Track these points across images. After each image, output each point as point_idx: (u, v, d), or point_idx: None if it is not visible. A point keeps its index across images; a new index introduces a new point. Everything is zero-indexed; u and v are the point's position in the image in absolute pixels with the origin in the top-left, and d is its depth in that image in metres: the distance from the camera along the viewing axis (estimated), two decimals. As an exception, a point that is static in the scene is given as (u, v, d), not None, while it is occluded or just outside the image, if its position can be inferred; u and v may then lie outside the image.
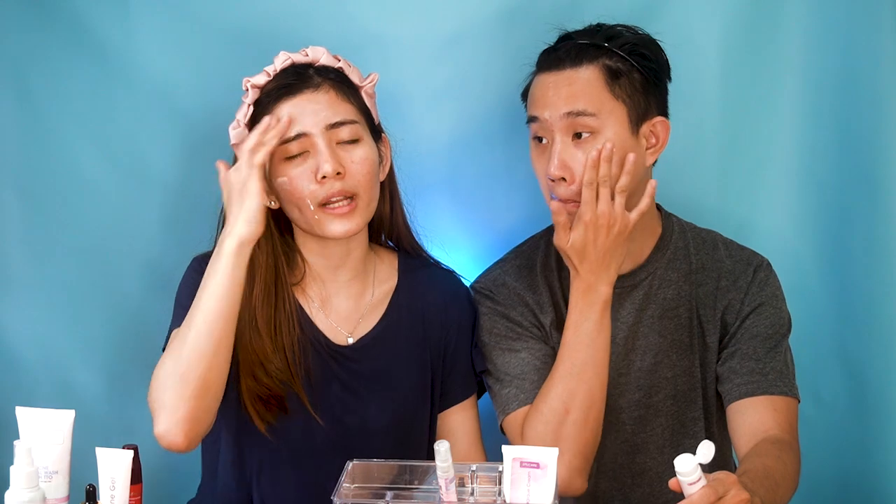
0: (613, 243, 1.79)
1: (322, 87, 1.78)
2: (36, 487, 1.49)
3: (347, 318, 1.87)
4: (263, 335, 1.78)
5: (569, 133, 1.81)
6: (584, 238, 1.79)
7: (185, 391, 1.65)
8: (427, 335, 1.89)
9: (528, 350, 1.89)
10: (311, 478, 1.82)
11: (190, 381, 1.65)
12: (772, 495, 1.62)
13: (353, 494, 1.53)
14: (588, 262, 1.80)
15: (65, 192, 2.09)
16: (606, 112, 1.80)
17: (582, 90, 1.80)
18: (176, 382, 1.65)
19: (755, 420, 1.81)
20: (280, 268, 1.82)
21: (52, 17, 2.05)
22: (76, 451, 1.59)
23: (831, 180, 2.14)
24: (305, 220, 1.79)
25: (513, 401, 1.87)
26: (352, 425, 1.83)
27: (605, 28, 1.86)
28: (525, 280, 1.95)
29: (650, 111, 1.84)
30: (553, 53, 1.85)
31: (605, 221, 1.78)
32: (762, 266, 1.93)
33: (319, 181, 1.75)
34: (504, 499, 1.49)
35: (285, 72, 1.80)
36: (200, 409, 1.66)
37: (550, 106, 1.82)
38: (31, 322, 2.10)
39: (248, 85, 1.80)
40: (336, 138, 1.77)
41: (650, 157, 1.85)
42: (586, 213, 1.78)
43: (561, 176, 1.81)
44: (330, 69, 1.81)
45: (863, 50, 2.07)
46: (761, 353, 1.87)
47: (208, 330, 1.66)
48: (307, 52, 1.82)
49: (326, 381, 1.83)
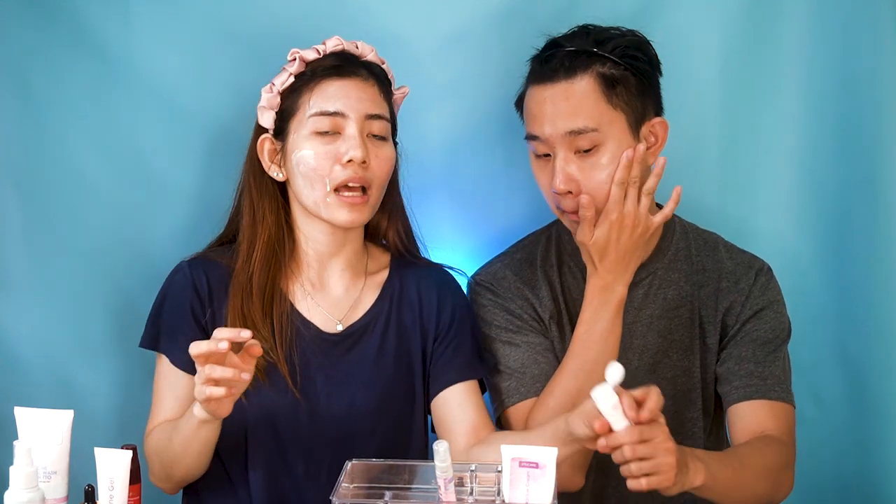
0: (635, 244, 1.81)
1: (370, 80, 1.84)
2: (35, 488, 1.49)
3: (338, 305, 1.89)
4: (255, 300, 1.81)
5: (571, 148, 1.81)
6: (607, 236, 1.80)
7: (172, 477, 1.80)
8: (417, 325, 1.90)
9: (528, 344, 1.90)
10: (300, 465, 1.83)
11: (175, 473, 1.79)
12: (728, 472, 1.64)
13: (353, 494, 1.53)
14: (608, 260, 1.81)
15: (65, 192, 2.09)
16: (607, 124, 1.80)
17: (580, 105, 1.80)
18: (164, 465, 1.79)
19: (754, 423, 1.82)
20: (282, 239, 1.85)
21: (52, 16, 2.05)
22: (75, 451, 1.59)
23: (831, 181, 2.14)
24: (314, 199, 1.81)
25: (513, 394, 1.87)
26: (338, 411, 1.83)
27: (593, 31, 1.85)
28: (525, 274, 1.95)
29: (648, 113, 1.84)
30: (545, 64, 1.84)
31: (631, 221, 1.79)
32: (763, 270, 1.93)
33: (345, 164, 1.78)
34: (503, 499, 1.49)
35: (338, 55, 1.84)
36: (186, 480, 1.83)
37: (549, 123, 1.81)
38: (31, 322, 2.10)
39: (297, 55, 1.84)
40: (369, 129, 1.81)
41: (650, 156, 1.85)
42: (613, 212, 1.79)
43: (567, 190, 1.81)
44: (377, 66, 1.87)
45: (863, 50, 2.07)
46: (761, 356, 1.87)
47: (188, 457, 1.76)
48: (357, 44, 1.87)
49: (315, 366, 1.84)
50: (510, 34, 2.07)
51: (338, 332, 1.87)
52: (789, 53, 2.12)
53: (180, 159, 2.10)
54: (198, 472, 1.80)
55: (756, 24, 2.12)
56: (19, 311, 2.10)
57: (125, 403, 2.10)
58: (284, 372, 1.81)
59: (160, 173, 2.10)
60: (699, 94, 2.11)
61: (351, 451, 1.73)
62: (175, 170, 2.10)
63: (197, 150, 2.07)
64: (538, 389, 1.86)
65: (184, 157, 2.10)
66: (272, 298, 1.83)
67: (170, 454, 1.76)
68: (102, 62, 2.07)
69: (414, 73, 2.09)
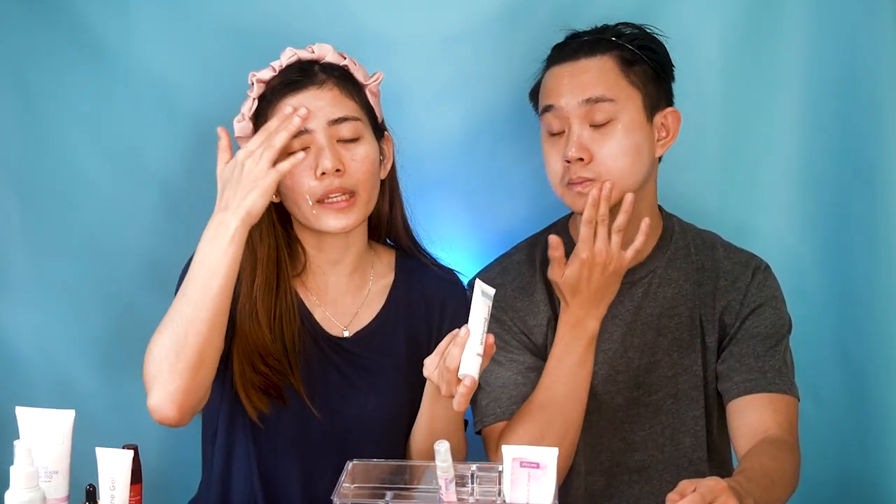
0: (607, 281, 1.80)
1: (326, 84, 1.79)
2: (36, 487, 1.49)
3: (345, 311, 1.88)
4: (263, 326, 1.79)
5: (586, 120, 1.82)
6: (578, 275, 1.79)
7: (179, 364, 1.66)
8: (424, 330, 1.89)
9: (512, 362, 1.90)
10: (308, 468, 1.83)
11: (185, 355, 1.66)
12: (768, 494, 1.63)
13: (353, 494, 1.53)
14: (580, 297, 1.81)
15: (65, 192, 2.09)
16: (624, 97, 1.82)
17: (598, 77, 1.82)
18: (171, 355, 1.66)
19: (755, 419, 1.81)
20: (282, 260, 1.84)
21: (52, 16, 2.05)
22: (76, 451, 1.59)
23: (831, 180, 2.14)
24: (304, 215, 1.80)
25: (489, 414, 1.89)
26: (349, 416, 1.84)
27: (612, 27, 1.88)
28: (523, 279, 1.95)
29: (662, 102, 1.86)
30: (566, 48, 1.87)
31: (602, 260, 1.78)
32: (761, 268, 1.93)
33: (319, 177, 1.76)
34: (504, 499, 1.49)
35: (290, 68, 1.81)
36: (195, 382, 1.67)
37: (567, 94, 1.83)
38: (31, 322, 2.10)
39: (254, 79, 1.82)
40: (337, 135, 1.78)
41: (660, 148, 1.87)
42: (583, 251, 1.78)
43: (579, 157, 1.81)
44: (335, 66, 1.82)
45: (863, 50, 2.07)
46: (760, 351, 1.87)
47: (206, 305, 1.67)
48: (313, 49, 1.83)
49: (324, 373, 1.84)
50: (513, 33, 2.07)
51: (345, 338, 1.87)
52: (789, 53, 2.12)
53: (180, 159, 2.10)
54: (213, 346, 1.69)
55: (756, 23, 2.12)
56: (19, 311, 2.10)
57: (125, 403, 2.10)
58: (302, 392, 1.81)
59: (160, 172, 2.11)
60: (699, 93, 2.11)
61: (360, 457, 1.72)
62: (175, 170, 2.11)
63: (197, 151, 2.07)
64: (513, 411, 1.87)
65: (184, 158, 2.10)
66: (279, 320, 1.81)
67: (180, 325, 1.66)
68: (102, 62, 2.07)
69: (414, 73, 2.09)
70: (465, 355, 1.57)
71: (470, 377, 1.57)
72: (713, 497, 1.47)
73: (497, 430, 1.87)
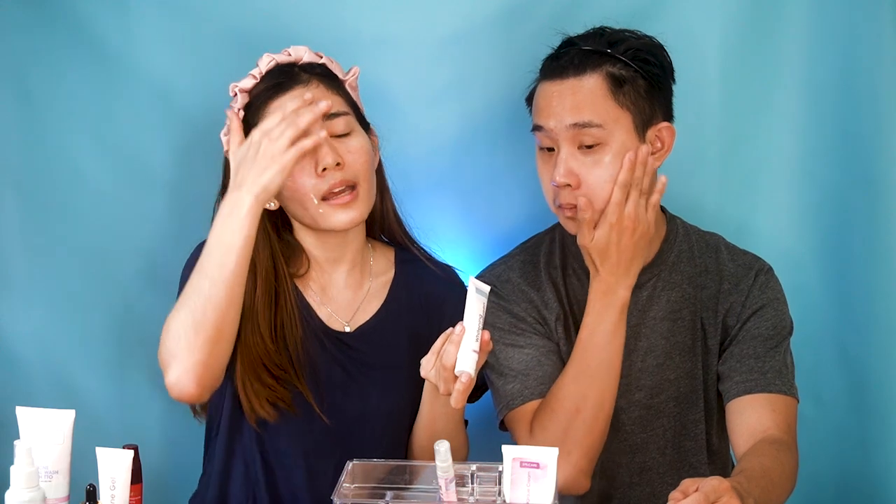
0: (636, 245, 1.81)
1: (311, 83, 1.80)
2: (36, 487, 1.49)
3: (346, 307, 1.89)
4: (265, 337, 1.80)
5: (574, 143, 1.81)
6: (608, 237, 1.80)
7: (198, 339, 1.68)
8: (425, 326, 1.89)
9: (532, 346, 1.89)
10: (310, 465, 1.83)
11: (203, 329, 1.67)
12: (767, 495, 1.63)
13: (353, 494, 1.53)
14: (609, 262, 1.81)
15: (65, 192, 2.09)
16: (612, 121, 1.80)
17: (586, 100, 1.80)
18: (189, 331, 1.68)
19: (753, 419, 1.81)
20: (279, 268, 1.84)
21: (52, 16, 2.05)
22: (76, 451, 1.59)
23: (831, 180, 2.14)
24: (310, 216, 1.80)
25: (517, 396, 1.87)
26: (352, 412, 1.84)
27: (609, 32, 1.86)
28: (529, 276, 1.95)
29: (655, 117, 1.84)
30: (556, 62, 1.85)
31: (631, 223, 1.79)
32: (763, 270, 1.93)
33: (320, 174, 1.77)
34: (504, 499, 1.49)
35: (271, 73, 1.82)
36: (213, 356, 1.69)
37: (555, 116, 1.82)
38: (31, 322, 2.10)
39: (237, 90, 1.82)
40: (331, 131, 1.78)
41: (655, 161, 1.85)
42: (613, 214, 1.79)
43: (566, 182, 1.81)
44: (314, 65, 1.84)
45: (863, 50, 2.07)
46: (761, 352, 1.87)
47: (224, 281, 1.68)
48: (289, 51, 1.84)
49: (328, 370, 1.84)
50: (511, 34, 2.07)
51: (346, 333, 1.87)
52: (789, 53, 2.12)
53: (180, 159, 2.10)
54: (231, 321, 1.70)
55: (756, 24, 2.12)
56: (19, 311, 2.10)
57: (125, 403, 2.10)
58: (308, 396, 1.81)
59: (160, 173, 2.11)
60: (699, 94, 2.11)
61: (361, 454, 1.72)
62: (175, 170, 2.10)
63: (197, 151, 2.07)
64: (543, 391, 1.86)
65: (184, 157, 2.10)
66: (281, 328, 1.82)
67: (198, 301, 1.68)
68: (102, 62, 2.07)
69: (414, 73, 2.09)
70: (462, 352, 1.57)
71: (466, 374, 1.57)
72: (716, 497, 1.47)
73: (529, 410, 1.85)
